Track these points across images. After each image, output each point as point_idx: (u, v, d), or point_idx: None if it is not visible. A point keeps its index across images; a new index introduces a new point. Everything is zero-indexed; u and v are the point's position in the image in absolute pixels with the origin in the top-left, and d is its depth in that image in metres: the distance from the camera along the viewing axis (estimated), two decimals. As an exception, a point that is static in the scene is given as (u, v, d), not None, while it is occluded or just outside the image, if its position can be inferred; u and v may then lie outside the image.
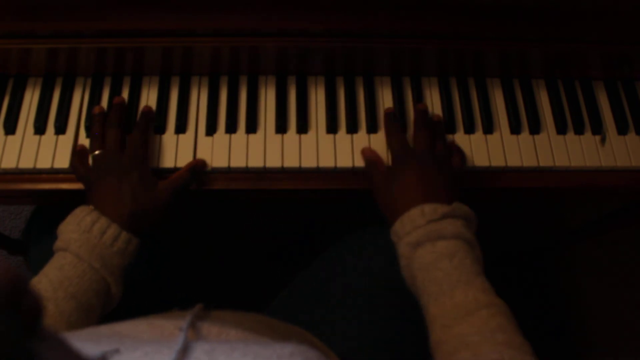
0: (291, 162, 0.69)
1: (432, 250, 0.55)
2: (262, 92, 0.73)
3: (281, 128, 0.70)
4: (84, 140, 0.69)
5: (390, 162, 0.68)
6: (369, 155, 0.68)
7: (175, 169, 0.68)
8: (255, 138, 0.70)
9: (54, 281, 0.56)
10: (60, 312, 0.55)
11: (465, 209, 0.59)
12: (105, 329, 0.43)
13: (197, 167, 0.67)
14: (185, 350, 0.35)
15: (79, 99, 0.71)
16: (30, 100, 0.71)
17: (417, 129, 0.68)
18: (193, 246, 1.24)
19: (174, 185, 0.64)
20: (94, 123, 0.67)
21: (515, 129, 0.72)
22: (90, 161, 0.65)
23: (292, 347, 0.36)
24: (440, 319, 0.52)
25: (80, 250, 0.57)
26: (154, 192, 0.63)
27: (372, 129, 0.71)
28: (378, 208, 0.65)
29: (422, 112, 0.69)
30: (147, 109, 0.69)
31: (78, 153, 0.67)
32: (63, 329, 0.53)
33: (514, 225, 1.40)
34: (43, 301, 0.53)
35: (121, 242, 0.59)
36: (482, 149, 0.71)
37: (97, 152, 0.64)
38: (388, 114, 0.70)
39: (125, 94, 0.72)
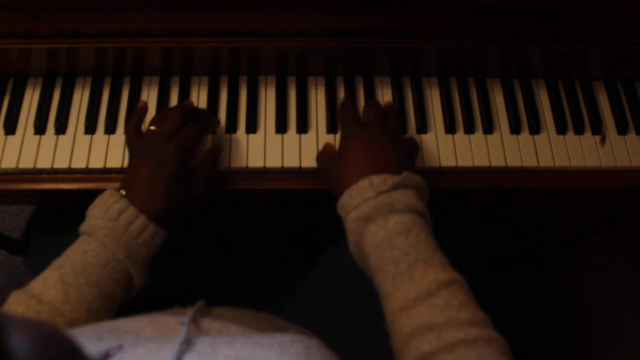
0: (291, 162, 0.69)
1: (385, 227, 0.52)
2: (262, 92, 0.73)
3: (281, 128, 0.70)
4: (87, 141, 0.69)
5: None
6: (321, 150, 0.68)
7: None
8: (255, 138, 0.70)
9: (77, 266, 0.54)
10: (81, 299, 0.53)
11: (416, 178, 0.56)
12: (107, 324, 0.43)
13: (216, 152, 0.68)
14: (187, 343, 0.35)
15: (79, 99, 0.71)
16: (30, 100, 0.71)
17: (366, 104, 0.67)
18: (195, 246, 1.24)
19: (204, 179, 0.64)
20: (173, 106, 0.68)
21: (515, 129, 0.72)
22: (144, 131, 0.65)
23: (292, 336, 0.36)
24: (399, 300, 0.50)
25: (105, 239, 0.55)
26: (186, 187, 0.62)
27: (372, 129, 0.70)
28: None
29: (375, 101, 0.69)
30: (217, 120, 0.70)
31: (138, 114, 0.67)
32: (82, 316, 0.53)
33: (514, 225, 1.40)
34: (65, 287, 0.53)
35: (148, 235, 0.57)
36: (482, 149, 0.71)
37: (152, 127, 0.63)
38: (342, 102, 0.70)
39: (125, 94, 0.72)
